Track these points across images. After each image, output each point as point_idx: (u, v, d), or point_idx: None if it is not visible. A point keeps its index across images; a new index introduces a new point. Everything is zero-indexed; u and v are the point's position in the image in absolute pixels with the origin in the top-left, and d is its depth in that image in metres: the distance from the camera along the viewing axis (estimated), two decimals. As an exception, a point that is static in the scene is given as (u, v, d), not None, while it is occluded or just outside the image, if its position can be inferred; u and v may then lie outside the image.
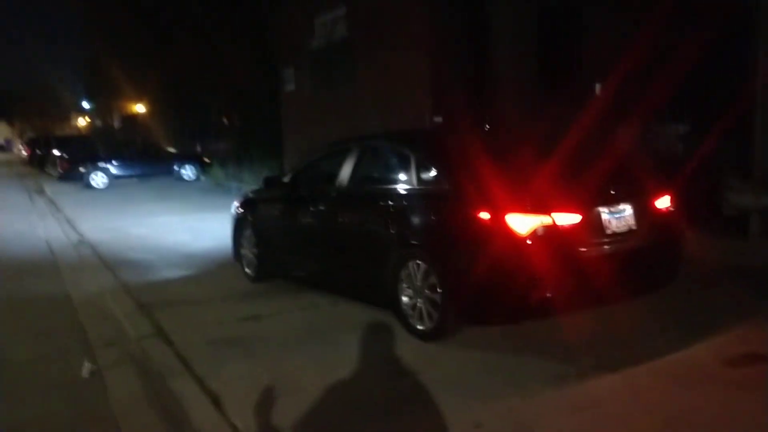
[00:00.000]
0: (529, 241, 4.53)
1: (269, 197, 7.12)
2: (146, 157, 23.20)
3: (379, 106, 16.52)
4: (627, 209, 4.94)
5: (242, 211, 7.48)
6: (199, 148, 29.66)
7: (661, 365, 4.43)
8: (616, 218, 4.86)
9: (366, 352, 5.01)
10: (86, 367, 4.85)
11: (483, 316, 4.89)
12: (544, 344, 4.88)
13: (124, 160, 22.45)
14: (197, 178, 22.17)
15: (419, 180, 5.32)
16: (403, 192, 5.43)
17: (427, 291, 5.03)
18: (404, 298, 5.27)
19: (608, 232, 4.80)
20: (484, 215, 4.68)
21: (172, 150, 26.67)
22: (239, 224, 7.52)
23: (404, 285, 5.25)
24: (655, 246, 5.03)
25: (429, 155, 5.36)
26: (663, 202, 5.21)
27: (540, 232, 4.54)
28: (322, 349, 5.12)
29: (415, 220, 5.25)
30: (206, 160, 23.35)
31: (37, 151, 31.86)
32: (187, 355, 5.09)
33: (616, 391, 4.11)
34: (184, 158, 24.13)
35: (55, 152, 25.16)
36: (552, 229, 4.57)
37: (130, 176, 22.22)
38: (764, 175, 8.76)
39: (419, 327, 5.15)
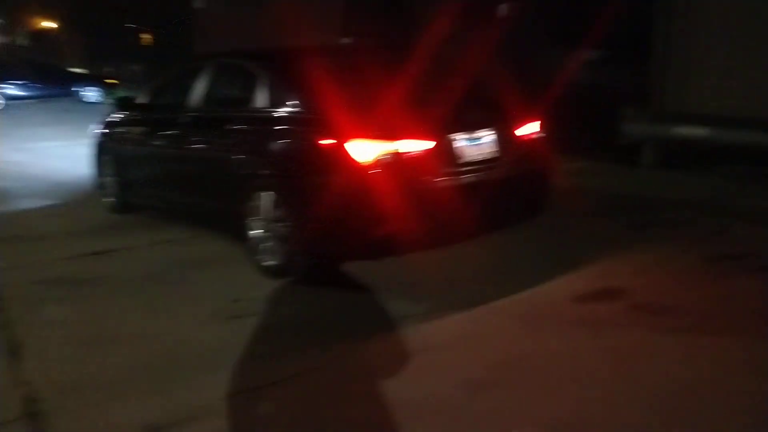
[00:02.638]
0: (372, 171, 4.11)
1: (127, 120, 6.46)
2: (46, 78, 21.66)
3: (291, 24, 15.64)
4: (487, 136, 4.55)
5: (102, 134, 6.81)
6: (111, 70, 28.03)
7: (510, 304, 4.16)
8: (474, 145, 4.47)
9: (207, 291, 4.59)
10: None
11: (327, 252, 4.50)
12: (395, 283, 4.53)
13: (21, 80, 20.89)
14: (101, 101, 20.88)
15: (269, 103, 4.79)
16: (252, 116, 4.90)
17: (275, 224, 4.60)
18: (254, 232, 4.83)
19: (463, 160, 4.41)
20: (327, 142, 4.23)
21: (76, 71, 25.06)
22: (99, 149, 6.87)
23: (254, 217, 4.80)
24: (519, 176, 4.67)
25: (280, 76, 4.82)
26: (529, 129, 4.84)
27: (384, 161, 4.12)
28: (161, 289, 4.67)
29: (264, 146, 4.72)
30: (111, 81, 21.98)
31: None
32: (7, 296, 4.57)
33: (458, 332, 3.81)
34: (87, 80, 22.67)
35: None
36: (398, 158, 4.15)
37: (28, 97, 20.74)
38: (659, 105, 8.57)
39: (268, 263, 4.74)
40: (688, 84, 8.39)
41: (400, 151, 4.16)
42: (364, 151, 4.11)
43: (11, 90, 20.47)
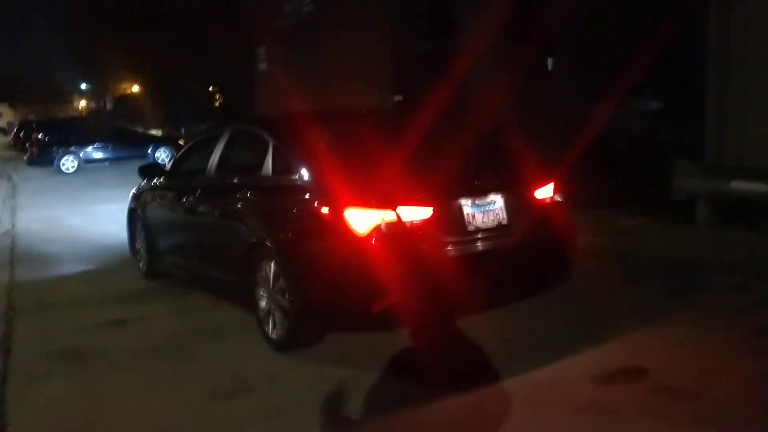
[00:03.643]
0: (370, 240, 3.89)
1: (155, 187, 6.50)
2: (119, 141, 22.60)
3: (344, 84, 15.92)
4: (497, 201, 4.27)
5: (133, 202, 6.89)
6: (183, 131, 29.13)
7: (519, 385, 3.81)
8: (482, 212, 4.20)
9: (210, 367, 4.43)
10: None
11: (326, 323, 4.28)
12: (399, 359, 4.24)
13: (95, 143, 21.88)
14: (171, 162, 21.62)
15: (274, 170, 4.69)
16: (257, 183, 4.81)
17: (278, 296, 4.43)
18: (261, 303, 4.67)
19: (471, 228, 4.14)
20: (325, 210, 4.06)
21: (151, 133, 26.12)
22: (132, 217, 6.94)
23: (260, 288, 4.65)
24: (533, 243, 4.35)
25: (284, 142, 4.70)
26: (544, 192, 4.53)
27: (383, 230, 3.90)
28: (166, 365, 4.54)
29: (267, 214, 4.60)
30: (181, 142, 22.75)
31: (20, 135, 31.39)
32: (14, 369, 4.54)
33: (457, 416, 3.50)
34: (159, 141, 23.55)
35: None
36: (397, 226, 3.92)
37: (102, 160, 21.67)
38: (715, 157, 8.07)
39: (273, 336, 4.56)
40: (746, 135, 7.86)
41: (401, 219, 3.94)
42: (362, 219, 3.91)
43: (84, 154, 21.42)
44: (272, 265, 4.45)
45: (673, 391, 3.61)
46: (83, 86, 61.26)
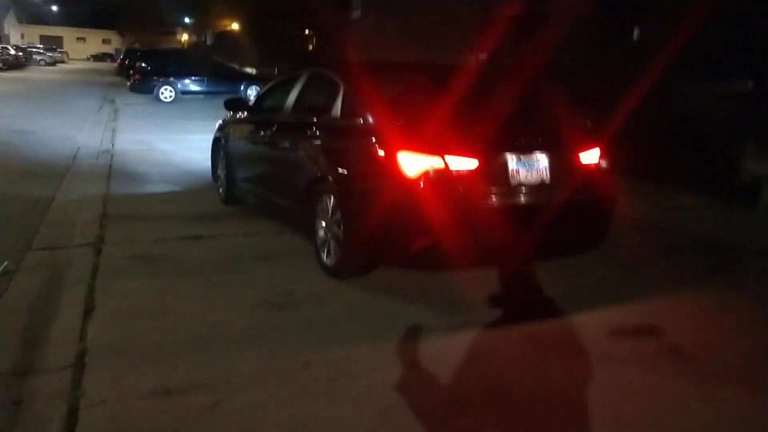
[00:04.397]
0: (418, 183, 4.29)
1: (238, 120, 7.08)
2: (215, 75, 23.54)
3: (433, 37, 16.08)
4: (542, 160, 4.58)
5: (218, 132, 7.50)
6: (276, 71, 29.85)
7: (541, 330, 4.18)
8: (527, 168, 4.52)
9: (266, 282, 4.97)
10: (3, 265, 5.07)
11: (374, 257, 4.74)
12: (435, 295, 4.68)
13: (193, 76, 22.89)
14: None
15: (342, 112, 5.13)
16: (326, 124, 5.27)
17: (334, 227, 4.91)
18: (319, 232, 5.18)
19: (514, 182, 4.48)
20: (381, 152, 4.48)
21: (246, 70, 26.97)
22: (216, 146, 7.57)
23: (320, 219, 5.15)
24: (574, 204, 4.64)
25: (353, 87, 5.11)
26: (590, 157, 4.79)
27: (431, 174, 4.29)
28: (228, 275, 5.13)
29: (331, 153, 5.07)
30: (272, 82, 23.47)
31: (125, 63, 33.03)
32: (103, 266, 5.23)
33: (471, 349, 3.91)
34: (252, 79, 24.40)
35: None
36: (444, 173, 4.30)
37: (198, 92, 22.68)
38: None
39: (327, 262, 5.07)
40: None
41: (449, 166, 4.31)
42: (413, 163, 4.31)
43: (181, 85, 22.48)
44: (332, 198, 4.93)
45: (676, 351, 3.91)
46: (186, 20, 63.16)
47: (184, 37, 71.73)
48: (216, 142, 7.51)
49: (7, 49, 46.27)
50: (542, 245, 4.66)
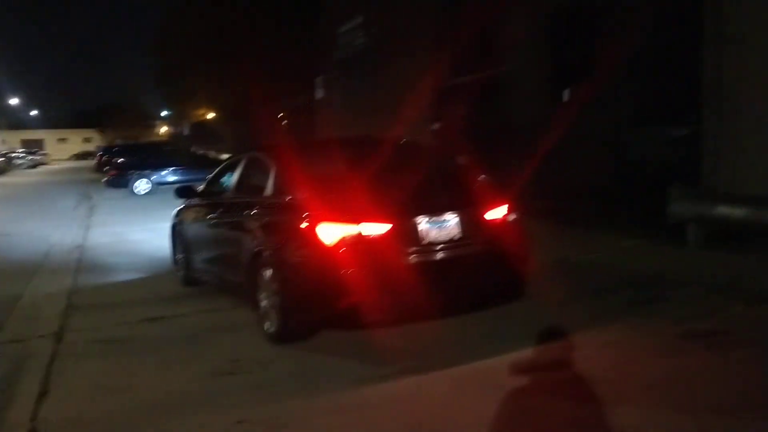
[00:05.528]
0: (337, 249, 4.76)
1: (189, 206, 7.58)
2: (190, 164, 24.20)
3: (393, 112, 16.81)
4: (451, 219, 5.07)
5: (174, 218, 7.98)
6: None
7: (458, 371, 4.58)
8: (437, 227, 5.00)
9: (217, 352, 5.36)
10: (-34, 361, 5.43)
11: (307, 319, 5.16)
12: (368, 351, 5.07)
13: (168, 167, 23.56)
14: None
15: (273, 191, 5.63)
16: (261, 202, 5.76)
17: (273, 296, 5.33)
18: (262, 302, 5.59)
19: (425, 241, 4.95)
20: (304, 225, 4.96)
21: (222, 156, 27.68)
22: (173, 230, 8.03)
23: (262, 290, 5.57)
24: (487, 258, 5.12)
25: (282, 168, 5.65)
26: (498, 213, 5.29)
27: (348, 241, 4.76)
28: (182, 350, 5.52)
29: (266, 228, 5.55)
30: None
31: (102, 159, 33.82)
32: (63, 353, 5.59)
33: (392, 393, 4.29)
34: (225, 165, 25.09)
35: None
36: (360, 238, 4.78)
37: (173, 182, 23.28)
38: (710, 183, 8.55)
39: (270, 330, 5.46)
40: (738, 163, 8.34)
41: (364, 232, 4.79)
42: (331, 232, 4.79)
43: (156, 177, 23.11)
44: (270, 270, 5.37)
45: (575, 379, 4.31)
46: (164, 113, 64.87)
47: (163, 129, 73.42)
48: (173, 228, 7.98)
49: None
50: (461, 296, 5.11)
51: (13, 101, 73.52)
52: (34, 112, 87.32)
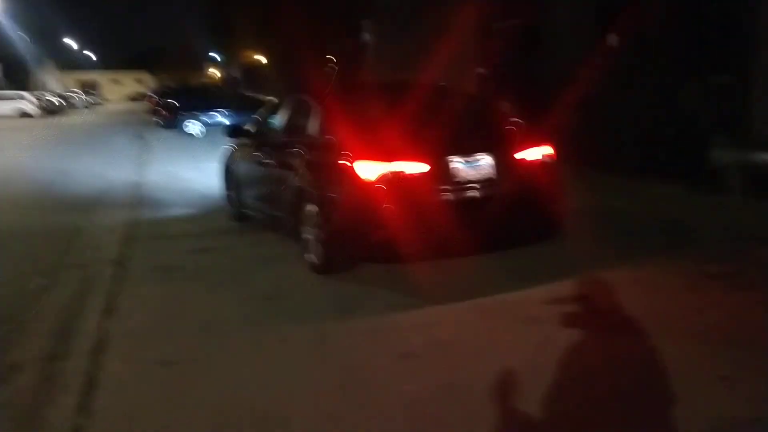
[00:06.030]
0: (376, 186, 5.07)
1: (240, 145, 7.96)
2: (239, 107, 24.66)
3: (438, 55, 16.79)
4: (485, 159, 5.31)
5: (227, 157, 8.39)
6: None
7: (486, 302, 4.91)
8: (470, 167, 5.26)
9: (262, 279, 5.80)
10: (36, 283, 5.97)
11: (347, 252, 5.51)
12: (402, 282, 5.41)
13: (218, 109, 24.08)
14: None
15: (316, 130, 5.94)
16: (305, 141, 6.08)
17: (315, 229, 5.70)
18: (305, 236, 5.97)
19: (458, 180, 5.21)
20: (343, 162, 5.27)
21: (270, 98, 28.05)
22: (225, 169, 8.45)
23: (305, 225, 5.94)
24: (518, 198, 5.36)
25: (324, 109, 5.94)
26: (531, 155, 5.50)
27: (384, 178, 5.06)
28: (229, 277, 5.98)
29: (309, 166, 5.89)
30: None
31: (157, 100, 34.59)
32: (124, 277, 6.10)
33: (422, 319, 4.66)
34: (275, 107, 25.49)
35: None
36: (395, 176, 5.07)
37: (222, 124, 23.81)
38: (755, 132, 8.52)
39: (312, 261, 5.84)
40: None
41: (399, 170, 5.09)
42: (368, 169, 5.10)
43: (209, 119, 23.67)
44: (311, 205, 5.72)
45: (601, 312, 4.58)
46: (215, 56, 65.36)
47: (214, 72, 74.10)
48: (225, 165, 8.39)
49: (47, 96, 48.54)
50: (493, 234, 5.37)
51: (71, 44, 75.16)
52: (88, 53, 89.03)
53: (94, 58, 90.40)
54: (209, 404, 3.58)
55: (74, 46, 79.20)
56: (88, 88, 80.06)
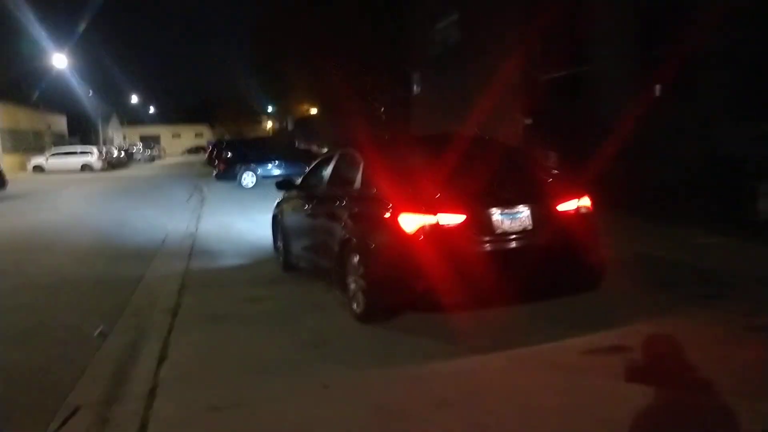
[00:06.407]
0: (418, 237, 5.26)
1: (289, 197, 8.29)
2: (292, 159, 25.37)
3: (484, 107, 17.10)
4: (524, 211, 5.46)
5: (276, 209, 8.74)
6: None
7: (524, 352, 4.99)
8: (509, 219, 5.41)
9: (308, 328, 6.00)
10: (98, 329, 6.30)
11: (389, 301, 5.68)
12: (443, 330, 5.56)
13: (272, 161, 24.81)
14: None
15: (361, 183, 6.20)
16: (350, 194, 6.35)
17: (360, 279, 5.91)
18: (351, 285, 6.17)
19: (498, 232, 5.37)
20: (387, 215, 5.49)
21: (321, 151, 28.76)
22: (275, 220, 8.79)
23: (350, 274, 6.15)
24: (556, 249, 5.48)
25: (369, 162, 6.21)
26: (569, 206, 5.63)
27: (426, 230, 5.25)
28: (277, 324, 6.21)
29: (354, 218, 6.13)
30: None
31: (213, 154, 35.76)
32: (178, 325, 6.40)
33: (461, 367, 4.76)
34: (326, 158, 26.13)
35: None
36: (437, 228, 5.26)
37: (276, 176, 24.49)
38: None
39: (356, 310, 6.04)
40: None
41: (441, 222, 5.28)
42: (411, 222, 5.31)
43: (261, 170, 24.39)
44: (357, 256, 5.94)
45: (635, 362, 4.63)
46: (269, 109, 67.40)
47: (268, 124, 76.23)
48: (274, 218, 8.74)
49: (112, 150, 50.74)
50: (532, 285, 5.49)
51: (133, 99, 78.57)
52: (151, 110, 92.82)
53: (153, 111, 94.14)
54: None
55: (137, 101, 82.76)
56: (149, 141, 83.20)
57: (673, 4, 11.54)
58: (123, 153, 53.44)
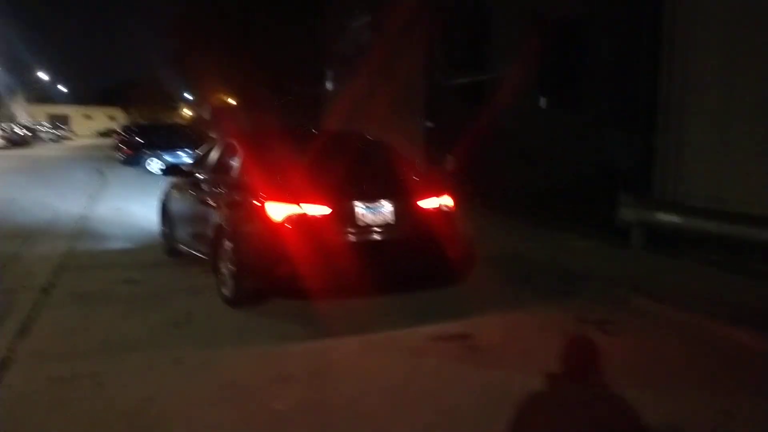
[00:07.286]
0: (284, 225, 5.51)
1: (174, 184, 8.37)
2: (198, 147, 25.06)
3: (388, 107, 17.49)
4: (386, 205, 5.79)
5: (163, 194, 8.78)
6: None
7: (378, 337, 5.34)
8: (372, 212, 5.73)
9: (176, 308, 6.15)
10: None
11: (254, 286, 5.91)
12: (303, 315, 5.87)
13: (180, 148, 24.41)
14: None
15: (238, 173, 6.39)
16: (227, 182, 6.52)
17: (230, 264, 6.09)
18: (222, 270, 6.35)
19: (361, 224, 5.68)
20: (256, 203, 5.71)
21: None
22: (162, 205, 8.83)
23: (222, 260, 6.33)
24: (416, 243, 5.84)
25: (246, 153, 6.41)
26: (432, 204, 6.00)
27: (291, 219, 5.50)
28: (146, 305, 6.32)
29: (228, 206, 6.31)
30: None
31: (121, 138, 34.82)
32: (47, 303, 6.40)
33: (315, 349, 5.05)
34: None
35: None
36: (302, 217, 5.52)
37: (183, 163, 24.14)
38: (660, 194, 9.18)
39: (226, 293, 6.22)
40: (682, 173, 8.99)
41: (306, 212, 5.54)
42: (277, 210, 5.54)
43: (168, 157, 23.98)
44: (227, 241, 6.13)
45: (476, 348, 5.03)
46: (187, 96, 65.95)
47: (187, 112, 74.56)
48: (161, 203, 8.77)
49: (13, 127, 48.47)
50: (392, 276, 5.82)
51: (42, 76, 75.16)
52: (61, 88, 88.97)
53: (65, 91, 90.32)
54: (87, 415, 3.93)
55: (46, 78, 79.23)
56: (58, 121, 79.85)
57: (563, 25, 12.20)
58: (27, 131, 51.15)
